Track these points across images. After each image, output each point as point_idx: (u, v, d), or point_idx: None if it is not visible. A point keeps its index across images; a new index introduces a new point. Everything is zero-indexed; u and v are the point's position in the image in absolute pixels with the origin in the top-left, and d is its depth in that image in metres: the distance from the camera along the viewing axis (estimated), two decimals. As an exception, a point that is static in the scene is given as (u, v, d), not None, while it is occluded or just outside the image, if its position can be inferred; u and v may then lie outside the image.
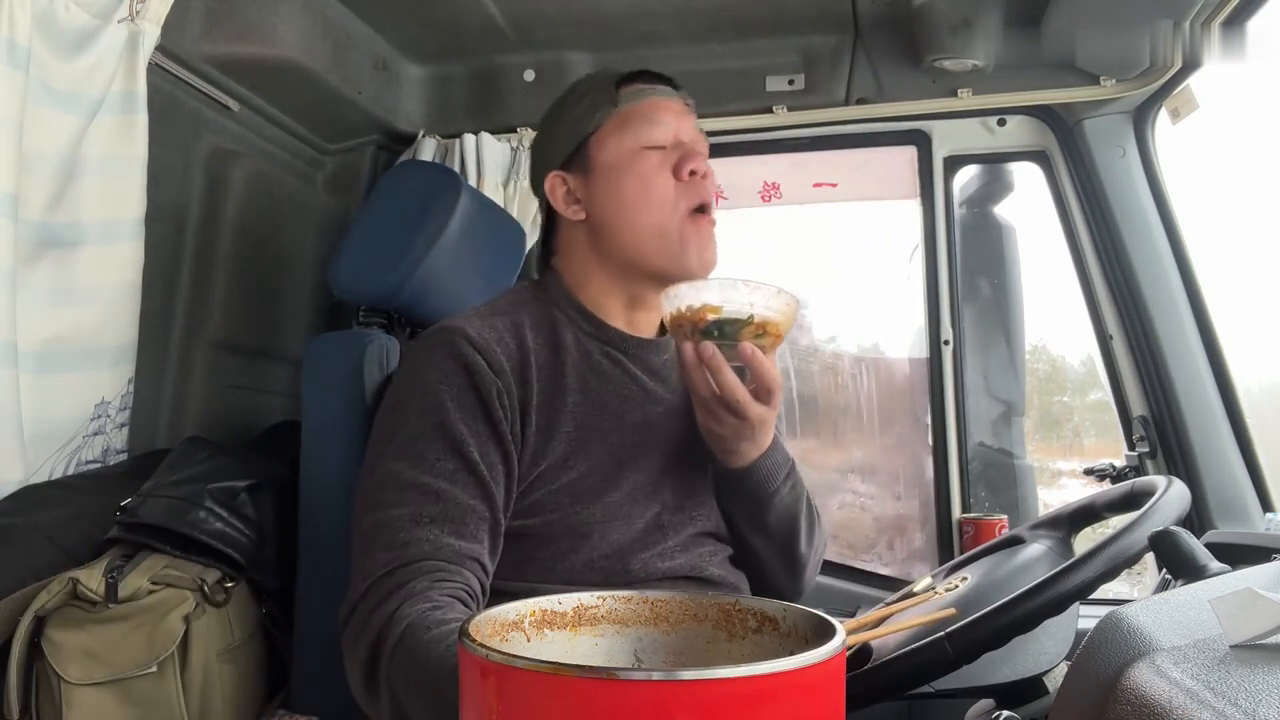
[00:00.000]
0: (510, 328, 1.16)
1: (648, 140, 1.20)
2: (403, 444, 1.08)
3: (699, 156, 1.21)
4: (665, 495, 1.18)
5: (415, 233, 1.46)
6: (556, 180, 1.24)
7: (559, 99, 1.28)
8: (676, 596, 0.80)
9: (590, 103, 1.22)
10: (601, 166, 1.22)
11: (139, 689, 1.16)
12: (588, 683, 0.54)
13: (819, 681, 0.59)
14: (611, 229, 1.21)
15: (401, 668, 0.91)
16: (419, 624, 0.91)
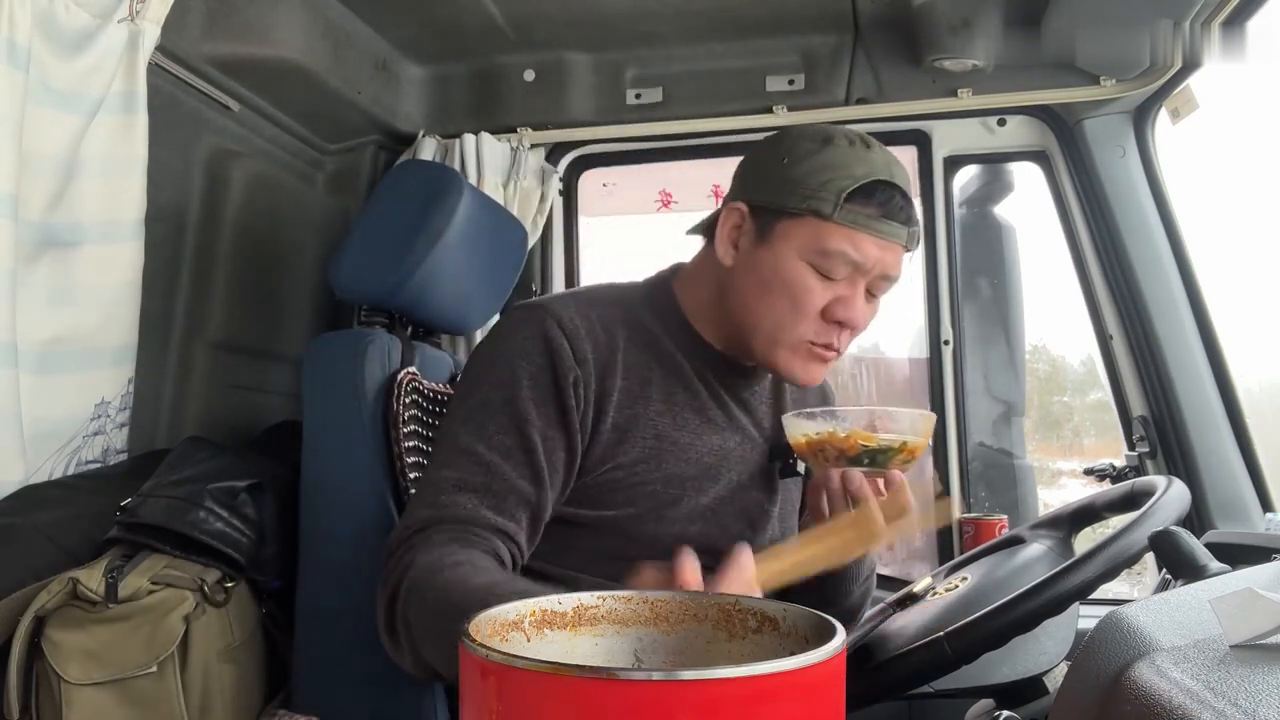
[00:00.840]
0: (604, 320, 1.17)
1: (826, 268, 1.13)
2: (471, 410, 1.11)
3: (856, 308, 1.14)
4: (725, 521, 1.20)
5: (416, 232, 1.46)
6: (736, 214, 1.18)
7: (819, 135, 1.16)
8: (676, 596, 0.80)
9: (820, 181, 1.11)
10: (774, 248, 1.15)
11: (139, 689, 1.16)
12: (588, 683, 0.54)
13: (819, 681, 0.59)
14: (741, 303, 1.18)
15: (414, 609, 0.96)
16: (432, 567, 0.96)
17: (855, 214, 1.11)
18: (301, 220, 1.96)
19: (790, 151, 1.16)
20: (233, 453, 1.46)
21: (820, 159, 1.13)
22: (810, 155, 1.14)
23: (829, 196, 1.11)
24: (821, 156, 1.13)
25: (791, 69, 2.01)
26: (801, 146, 1.15)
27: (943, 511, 1.81)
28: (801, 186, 1.12)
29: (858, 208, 1.11)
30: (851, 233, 1.11)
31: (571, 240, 2.27)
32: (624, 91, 2.07)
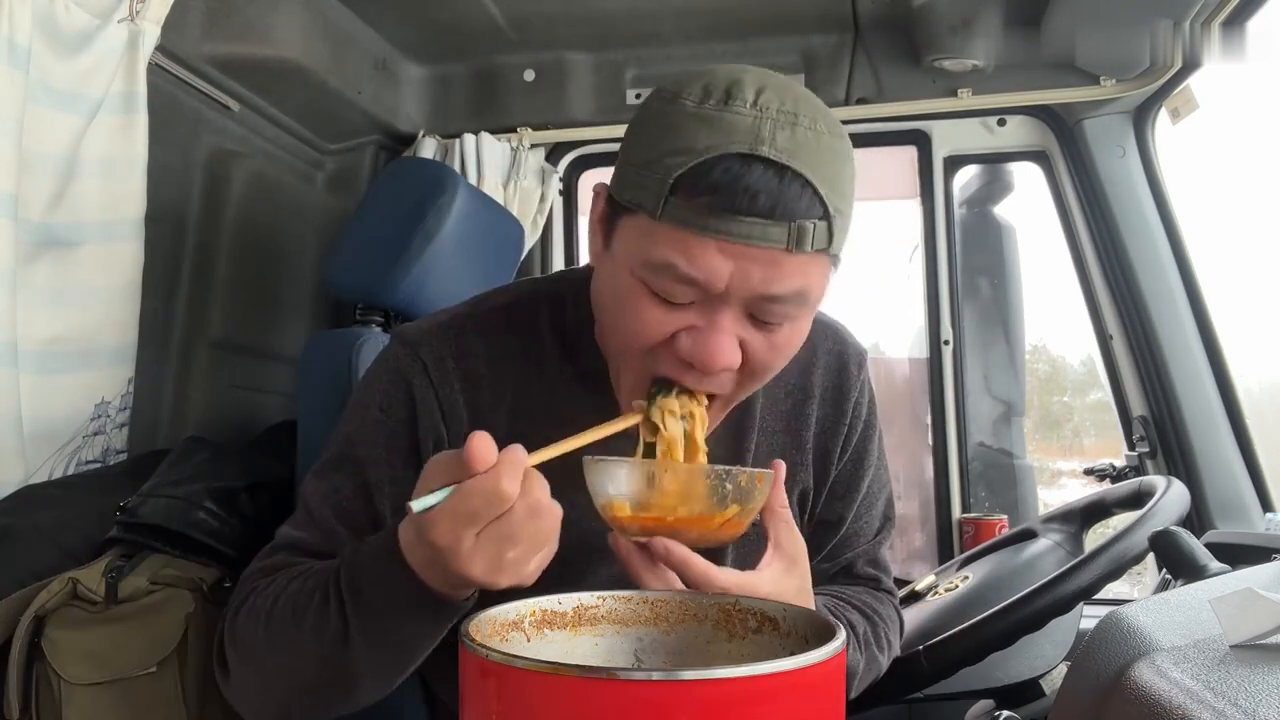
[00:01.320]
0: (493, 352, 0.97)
1: (660, 288, 0.81)
2: (325, 464, 0.98)
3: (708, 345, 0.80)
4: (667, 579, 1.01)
5: (412, 230, 1.46)
6: (600, 194, 0.89)
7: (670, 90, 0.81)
8: (676, 596, 0.80)
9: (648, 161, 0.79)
10: (613, 254, 0.85)
11: (139, 689, 1.16)
12: (588, 683, 0.54)
13: (819, 681, 0.59)
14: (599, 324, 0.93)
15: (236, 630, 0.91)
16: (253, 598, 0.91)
17: (683, 209, 0.77)
18: (301, 220, 1.96)
19: (639, 115, 0.85)
20: (232, 453, 1.46)
21: (659, 124, 0.80)
22: (652, 120, 0.81)
23: (653, 184, 0.78)
24: (662, 120, 0.80)
25: (791, 69, 2.01)
26: (650, 107, 0.83)
27: None
28: (634, 168, 0.81)
29: (684, 200, 0.77)
30: (682, 236, 0.77)
31: (571, 240, 2.27)
32: (624, 91, 2.08)
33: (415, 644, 0.83)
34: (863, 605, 1.07)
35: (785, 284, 0.79)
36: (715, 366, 0.81)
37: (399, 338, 1.00)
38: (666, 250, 0.78)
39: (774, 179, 0.76)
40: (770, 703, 0.55)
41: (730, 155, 0.76)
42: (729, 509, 0.81)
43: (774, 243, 0.77)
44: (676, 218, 0.77)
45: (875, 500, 1.13)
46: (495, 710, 0.57)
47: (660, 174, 0.78)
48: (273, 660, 0.88)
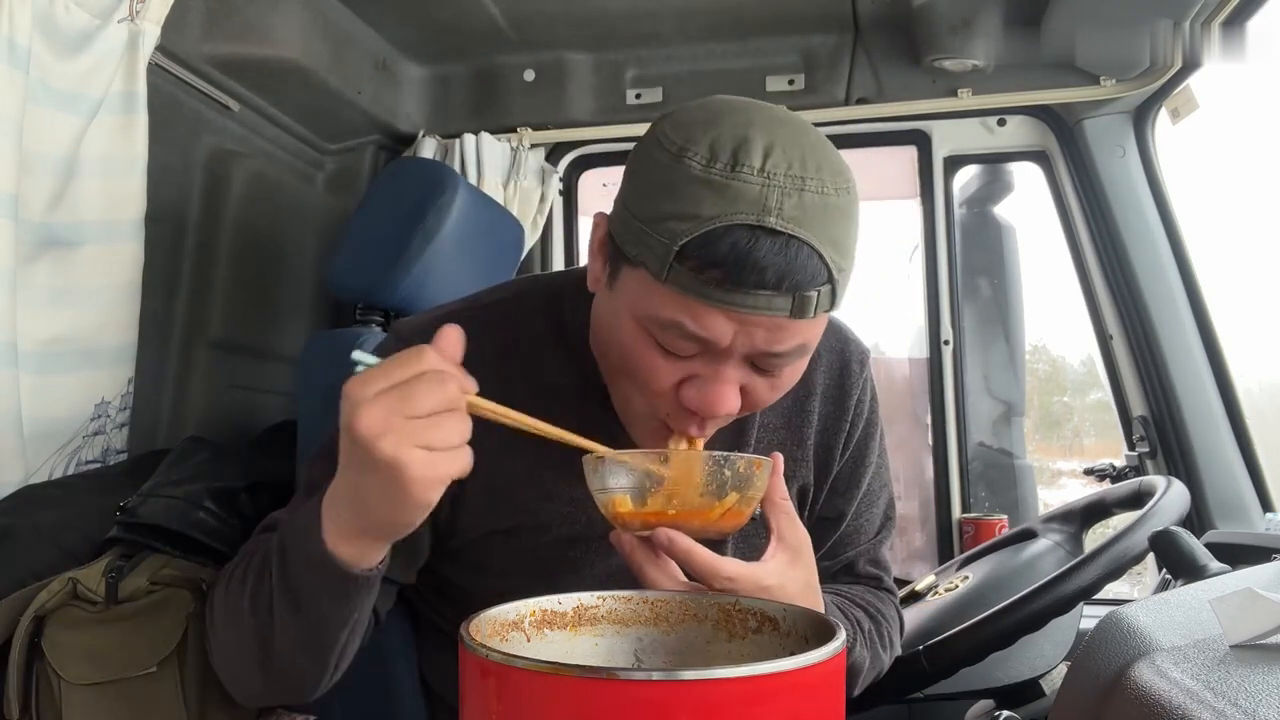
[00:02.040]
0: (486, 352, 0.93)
1: (666, 342, 0.81)
2: (321, 450, 0.98)
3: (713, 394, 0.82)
4: None
5: (412, 230, 1.46)
6: (601, 225, 0.88)
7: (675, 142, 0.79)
8: (676, 596, 0.80)
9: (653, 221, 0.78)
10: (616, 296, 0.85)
11: (139, 689, 1.15)
12: (588, 683, 0.54)
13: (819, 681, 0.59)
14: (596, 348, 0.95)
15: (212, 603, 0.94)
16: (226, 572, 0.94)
17: (689, 277, 0.77)
18: (301, 220, 1.96)
19: (641, 163, 0.82)
20: (233, 453, 1.46)
21: (664, 183, 0.78)
22: (656, 174, 0.79)
23: (658, 247, 0.77)
24: (667, 178, 0.78)
25: (791, 69, 2.01)
26: (653, 158, 0.80)
27: None
28: (638, 223, 0.80)
29: (691, 270, 0.76)
30: (688, 301, 0.78)
31: (571, 240, 2.28)
32: (624, 91, 2.08)
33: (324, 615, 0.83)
34: (865, 604, 1.08)
35: (787, 344, 0.81)
36: (719, 413, 0.83)
37: (395, 332, 1.01)
38: (672, 311, 0.79)
39: (780, 253, 0.76)
40: (770, 703, 0.55)
41: (737, 227, 0.75)
42: (728, 497, 0.81)
43: (779, 311, 0.78)
44: (681, 284, 0.78)
45: (876, 498, 1.13)
46: (495, 710, 0.57)
47: (666, 238, 0.77)
48: (231, 633, 0.90)
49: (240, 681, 0.95)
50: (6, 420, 1.28)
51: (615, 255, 0.84)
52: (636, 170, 0.83)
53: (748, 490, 0.82)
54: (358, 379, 0.73)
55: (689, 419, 0.85)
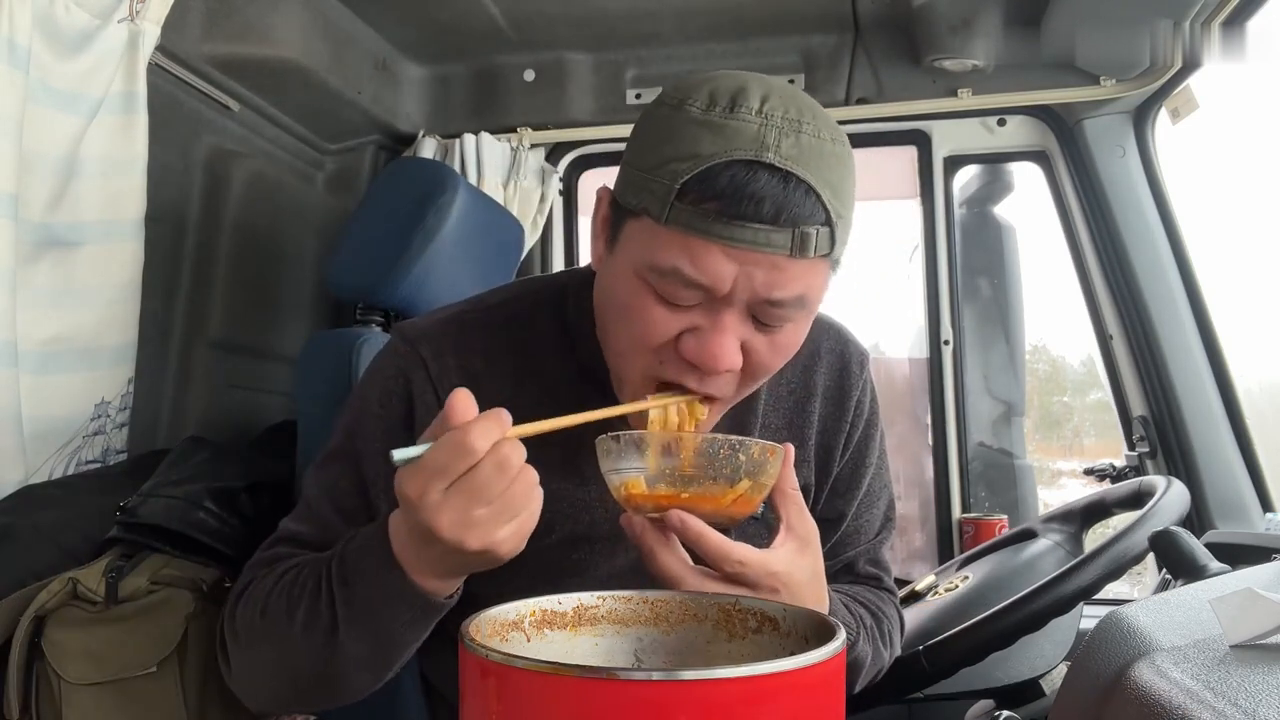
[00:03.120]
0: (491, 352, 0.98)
1: (665, 290, 0.82)
2: (325, 456, 0.99)
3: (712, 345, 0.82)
4: None
5: (412, 229, 1.46)
6: (604, 198, 0.90)
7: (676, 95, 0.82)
8: (676, 596, 0.80)
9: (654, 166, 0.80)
10: (617, 255, 0.86)
11: (139, 689, 1.16)
12: (588, 683, 0.54)
13: (819, 681, 0.59)
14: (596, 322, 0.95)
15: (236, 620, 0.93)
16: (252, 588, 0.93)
17: (689, 214, 0.78)
18: (301, 220, 1.96)
19: (643, 120, 0.85)
20: (232, 453, 1.46)
21: (665, 130, 0.81)
22: (657, 125, 0.82)
23: (659, 189, 0.79)
24: (667, 126, 0.81)
25: (791, 69, 2.01)
26: (655, 113, 0.83)
27: None
28: (639, 173, 0.82)
29: (690, 205, 0.78)
30: (688, 240, 0.79)
31: (571, 240, 2.27)
32: (624, 91, 2.08)
33: (399, 639, 0.84)
34: (867, 601, 1.08)
35: (788, 288, 0.81)
36: (719, 367, 0.83)
37: (399, 334, 1.01)
38: (672, 254, 0.80)
39: (778, 185, 0.77)
40: (770, 703, 0.55)
41: (736, 162, 0.77)
42: (741, 483, 0.81)
43: (778, 248, 0.78)
44: (682, 222, 0.79)
45: (876, 499, 1.13)
46: (495, 710, 0.57)
47: (666, 179, 0.79)
48: (268, 651, 0.90)
49: (271, 696, 0.95)
50: (6, 420, 1.28)
51: (617, 217, 0.86)
52: (639, 131, 0.86)
53: (760, 477, 0.82)
54: (414, 480, 0.72)
55: (688, 371, 0.85)
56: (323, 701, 0.93)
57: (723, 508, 0.82)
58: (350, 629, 0.83)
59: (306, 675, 0.88)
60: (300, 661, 0.87)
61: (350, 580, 0.82)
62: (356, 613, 0.82)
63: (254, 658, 0.92)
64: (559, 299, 1.01)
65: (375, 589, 0.81)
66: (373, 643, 0.84)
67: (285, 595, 0.88)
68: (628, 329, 0.85)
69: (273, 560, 0.95)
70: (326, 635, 0.84)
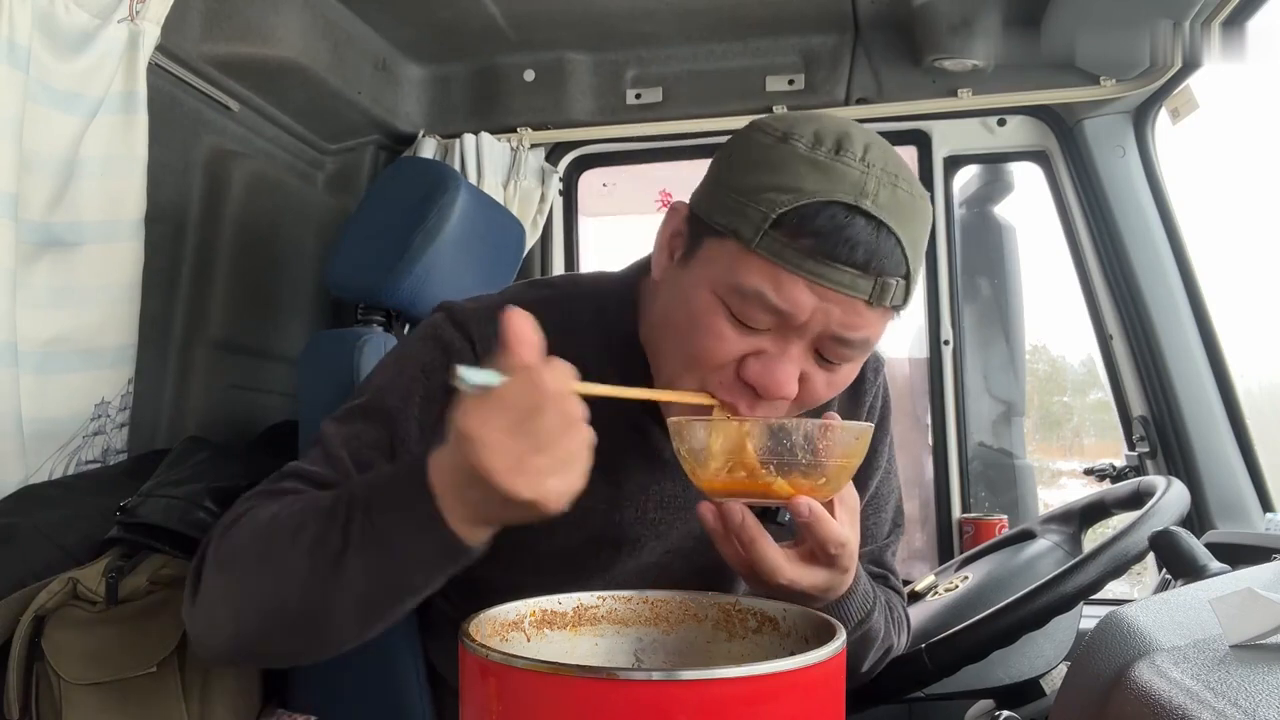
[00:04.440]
0: None
1: (742, 311, 0.83)
2: (351, 409, 0.96)
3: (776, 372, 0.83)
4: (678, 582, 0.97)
5: (413, 229, 1.46)
6: (677, 216, 0.92)
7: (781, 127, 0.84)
8: (676, 596, 0.80)
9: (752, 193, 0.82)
10: (692, 270, 0.87)
11: (139, 689, 1.16)
12: (588, 683, 0.54)
13: (819, 681, 0.59)
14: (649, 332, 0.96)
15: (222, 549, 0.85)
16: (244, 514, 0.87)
17: (781, 245, 0.80)
18: (301, 220, 1.96)
19: (740, 145, 0.87)
20: (233, 453, 1.46)
21: (766, 159, 0.83)
22: (758, 152, 0.84)
23: (754, 215, 0.81)
24: (769, 156, 0.83)
25: (791, 69, 2.01)
26: (754, 140, 0.86)
27: None
28: (733, 195, 0.83)
29: (784, 237, 0.80)
30: (774, 269, 0.81)
31: (571, 240, 2.27)
32: (624, 91, 2.08)
33: (408, 581, 0.78)
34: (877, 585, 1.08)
35: (859, 331, 0.83)
36: (779, 392, 0.84)
37: (447, 312, 1.00)
38: (757, 279, 0.81)
39: (872, 234, 0.80)
40: (770, 703, 0.55)
41: (836, 203, 0.79)
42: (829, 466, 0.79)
43: (859, 293, 0.81)
44: (773, 251, 0.81)
45: (885, 502, 1.14)
46: (495, 710, 0.57)
47: (764, 207, 0.80)
48: (256, 574, 0.83)
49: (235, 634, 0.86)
50: (6, 420, 1.28)
51: (696, 233, 0.88)
52: (734, 153, 0.87)
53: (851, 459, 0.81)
54: (475, 414, 0.68)
55: (741, 394, 0.86)
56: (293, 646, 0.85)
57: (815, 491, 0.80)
58: (360, 556, 0.77)
59: (290, 609, 0.81)
60: (290, 589, 0.80)
61: (374, 505, 0.77)
62: (372, 539, 0.77)
63: (235, 584, 0.84)
64: (601, 304, 1.01)
65: (401, 516, 0.76)
66: (379, 578, 0.78)
67: (294, 518, 0.82)
68: (694, 342, 0.86)
69: (279, 493, 0.89)
70: (332, 561, 0.78)
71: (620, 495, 0.98)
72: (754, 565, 0.80)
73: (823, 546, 0.80)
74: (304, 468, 0.93)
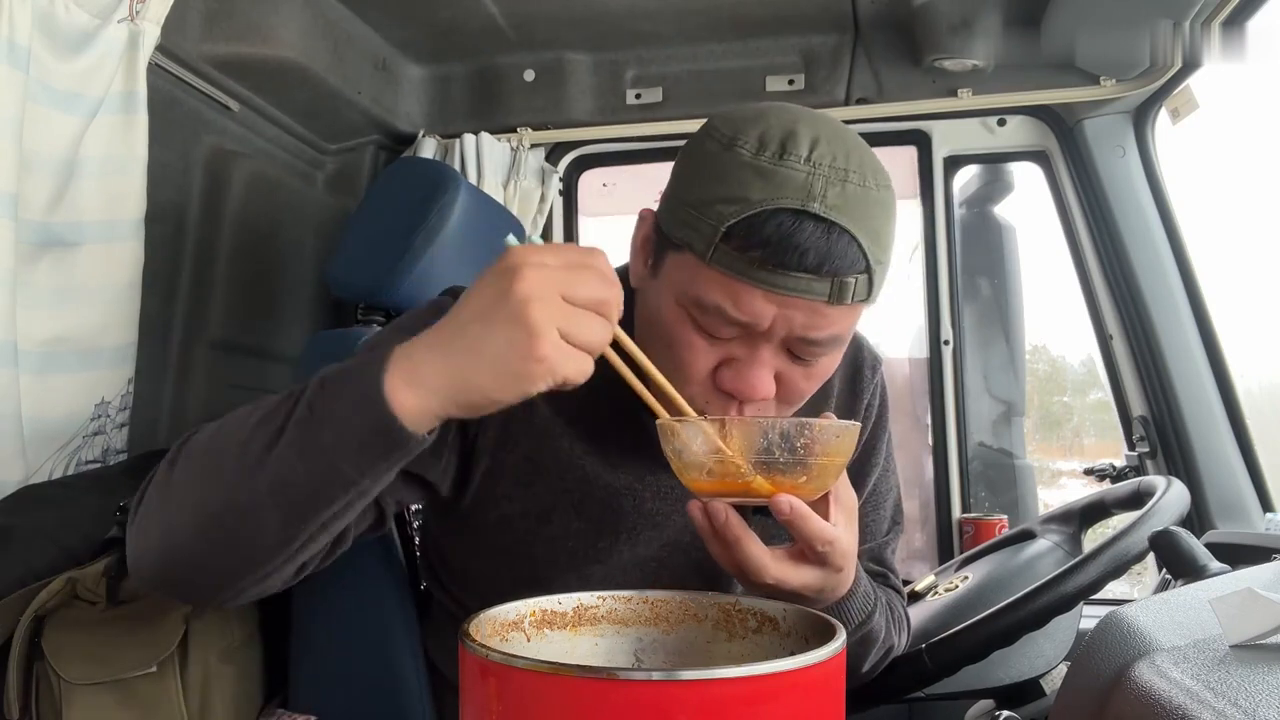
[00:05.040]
0: None
1: (706, 324, 0.84)
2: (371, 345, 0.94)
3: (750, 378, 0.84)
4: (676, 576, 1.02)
5: (413, 229, 1.46)
6: (647, 223, 0.92)
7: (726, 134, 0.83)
8: (676, 596, 0.80)
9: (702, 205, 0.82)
10: (659, 282, 0.88)
11: (139, 689, 1.16)
12: (588, 683, 0.54)
13: (819, 681, 0.59)
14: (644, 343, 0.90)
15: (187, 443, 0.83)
16: None
17: (733, 258, 0.80)
18: (301, 220, 1.96)
19: (691, 153, 0.87)
20: (233, 453, 1.46)
21: (713, 169, 0.82)
22: (706, 162, 0.83)
23: (704, 229, 0.81)
24: (716, 165, 0.82)
25: (791, 69, 2.01)
26: (704, 148, 0.85)
27: None
28: (686, 209, 0.83)
29: (735, 250, 0.80)
30: (730, 282, 0.81)
31: (571, 240, 2.28)
32: (624, 91, 2.08)
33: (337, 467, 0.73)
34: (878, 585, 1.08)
35: (824, 330, 0.83)
36: (754, 396, 0.85)
37: (454, 294, 0.99)
38: (714, 293, 0.82)
39: (822, 237, 0.79)
40: (770, 703, 0.55)
41: (783, 210, 0.79)
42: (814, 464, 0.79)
43: (817, 295, 0.81)
44: (725, 264, 0.81)
45: (882, 500, 1.14)
46: (495, 710, 0.57)
47: (713, 220, 0.81)
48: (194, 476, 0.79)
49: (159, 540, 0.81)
50: (6, 420, 1.28)
51: (660, 244, 0.88)
52: (687, 161, 0.87)
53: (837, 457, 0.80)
54: (524, 246, 0.71)
55: (726, 404, 0.87)
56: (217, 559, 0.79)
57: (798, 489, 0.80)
58: (293, 434, 0.74)
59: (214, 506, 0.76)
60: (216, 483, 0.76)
61: (326, 383, 0.75)
62: (307, 418, 0.74)
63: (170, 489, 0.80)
64: None
65: (343, 391, 0.73)
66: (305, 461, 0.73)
67: (246, 413, 0.80)
68: (672, 355, 0.86)
69: None
70: (265, 445, 0.75)
71: (619, 484, 0.99)
72: (740, 565, 0.80)
73: (809, 544, 0.80)
74: None
